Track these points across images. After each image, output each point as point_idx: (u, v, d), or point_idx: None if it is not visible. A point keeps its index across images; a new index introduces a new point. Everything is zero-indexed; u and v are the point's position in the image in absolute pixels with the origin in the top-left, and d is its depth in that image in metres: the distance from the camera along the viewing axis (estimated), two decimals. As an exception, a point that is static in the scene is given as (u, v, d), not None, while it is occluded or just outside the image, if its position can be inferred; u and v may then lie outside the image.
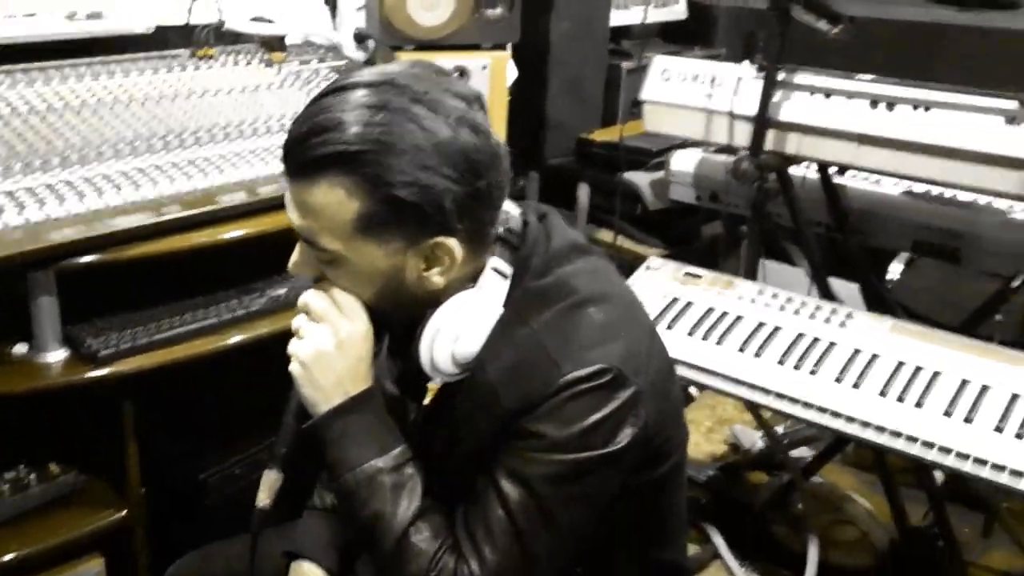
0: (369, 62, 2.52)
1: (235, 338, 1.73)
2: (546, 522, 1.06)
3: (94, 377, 1.59)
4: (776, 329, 1.90)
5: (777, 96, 2.03)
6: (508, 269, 1.12)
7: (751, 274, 2.20)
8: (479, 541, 1.06)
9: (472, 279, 1.11)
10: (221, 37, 2.18)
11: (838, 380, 1.75)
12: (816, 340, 1.85)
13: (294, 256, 1.13)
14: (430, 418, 1.18)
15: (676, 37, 3.59)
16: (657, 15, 3.39)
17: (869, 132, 1.93)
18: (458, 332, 1.08)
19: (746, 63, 2.11)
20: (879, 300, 2.30)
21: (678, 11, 3.58)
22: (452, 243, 1.05)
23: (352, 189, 1.01)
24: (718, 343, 1.89)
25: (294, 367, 1.11)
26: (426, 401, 1.17)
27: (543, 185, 3.19)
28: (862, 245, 2.30)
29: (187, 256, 1.68)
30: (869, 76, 1.98)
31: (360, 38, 2.49)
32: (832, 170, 2.23)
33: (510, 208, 1.15)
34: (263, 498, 1.13)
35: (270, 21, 2.24)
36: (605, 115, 3.20)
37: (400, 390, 1.24)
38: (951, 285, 2.39)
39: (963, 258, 2.14)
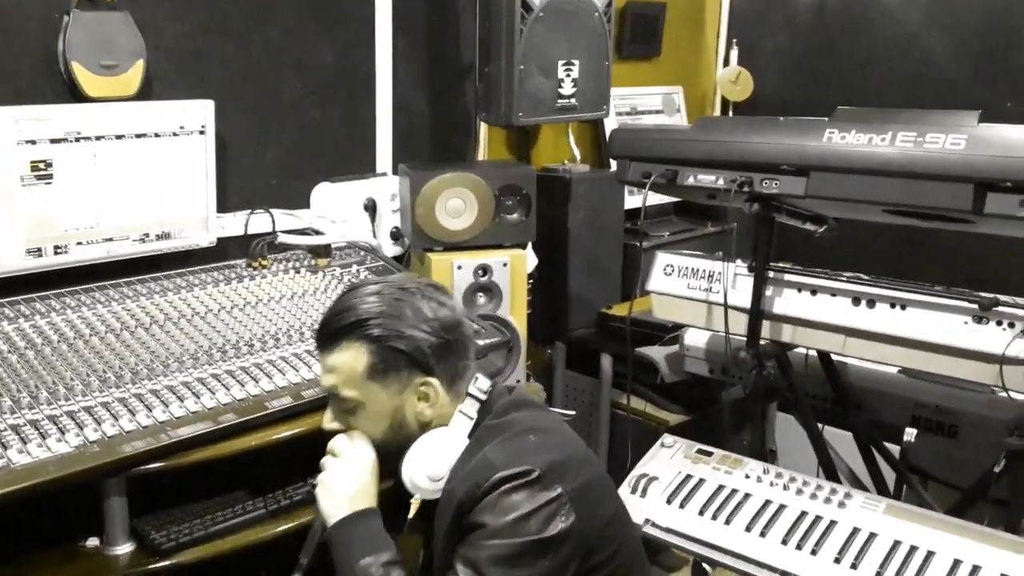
0: (403, 256, 2.79)
1: (282, 527, 1.93)
2: None
3: (158, 568, 1.78)
4: (781, 507, 2.03)
5: (769, 292, 2.22)
6: (473, 414, 1.47)
7: (759, 452, 2.33)
8: None
9: (446, 421, 1.47)
10: (274, 248, 2.46)
11: (837, 560, 1.87)
12: (818, 519, 1.98)
13: (326, 415, 1.51)
14: (413, 528, 1.53)
15: (690, 212, 3.82)
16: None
17: (853, 326, 2.11)
18: (432, 458, 1.42)
19: (739, 260, 2.31)
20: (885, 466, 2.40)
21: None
22: (435, 382, 1.44)
23: (361, 347, 1.42)
24: (727, 523, 2.02)
25: (317, 489, 1.45)
26: (410, 515, 1.50)
27: (569, 355, 3.38)
28: (865, 419, 2.44)
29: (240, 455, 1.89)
30: (849, 274, 2.16)
31: (395, 236, 2.77)
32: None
33: (482, 376, 1.51)
34: None
35: (317, 232, 2.51)
36: (625, 289, 3.39)
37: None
38: (963, 447, 2.48)
39: (960, 434, 2.27)
